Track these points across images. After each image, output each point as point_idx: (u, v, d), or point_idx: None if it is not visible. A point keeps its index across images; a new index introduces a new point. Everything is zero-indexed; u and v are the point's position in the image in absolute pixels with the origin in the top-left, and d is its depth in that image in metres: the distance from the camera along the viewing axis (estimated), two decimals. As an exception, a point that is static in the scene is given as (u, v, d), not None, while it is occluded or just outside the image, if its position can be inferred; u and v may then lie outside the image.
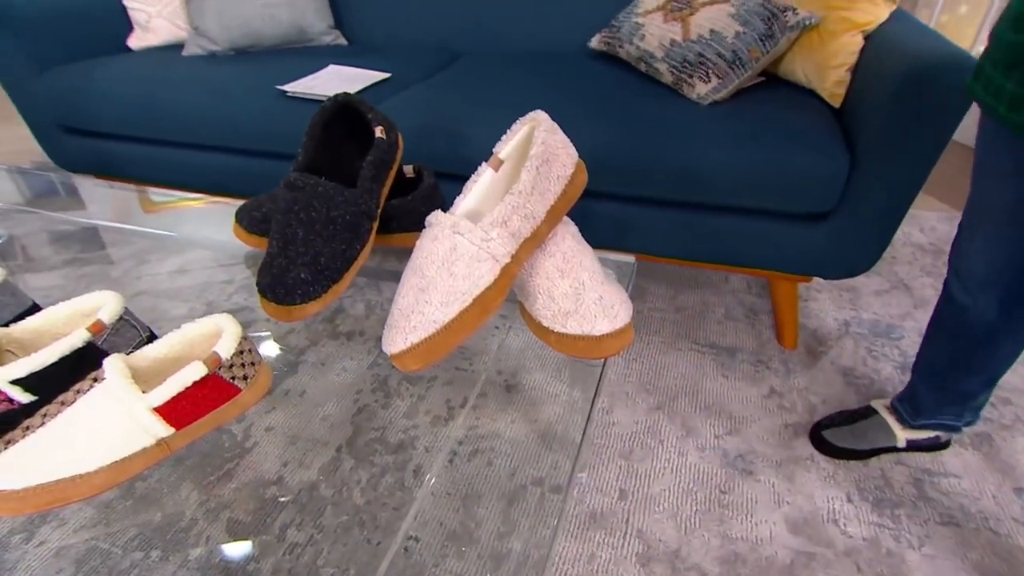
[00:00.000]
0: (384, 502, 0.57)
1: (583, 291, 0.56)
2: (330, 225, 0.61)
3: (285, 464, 0.59)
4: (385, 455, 0.61)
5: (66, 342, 0.49)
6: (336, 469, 0.58)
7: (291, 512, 0.58)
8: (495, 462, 0.67)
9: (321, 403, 0.66)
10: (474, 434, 0.69)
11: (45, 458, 0.42)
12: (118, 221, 0.92)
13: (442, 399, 0.70)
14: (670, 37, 1.12)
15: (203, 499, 0.56)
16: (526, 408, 0.74)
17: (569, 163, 0.56)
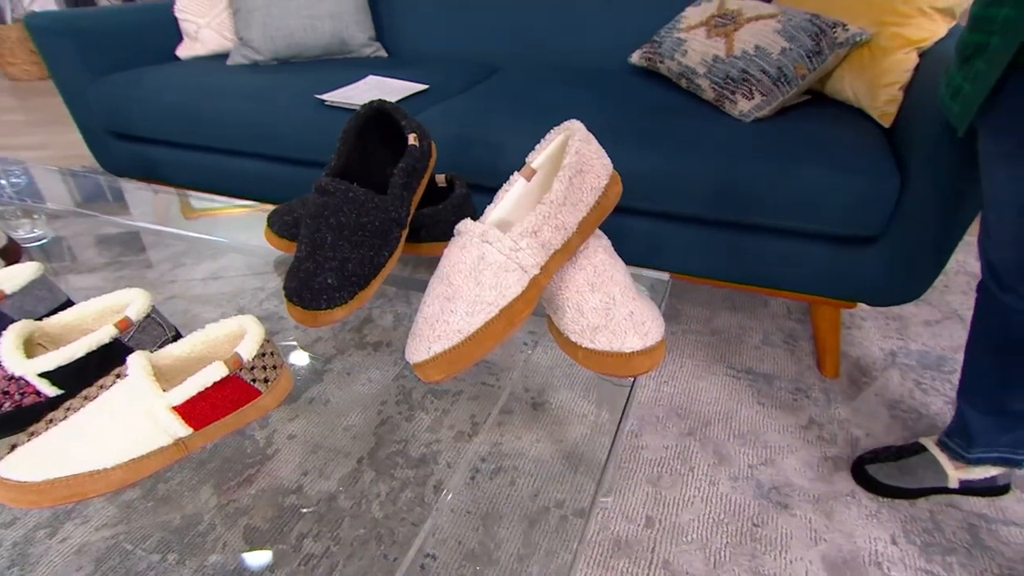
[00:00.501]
0: (403, 517, 0.56)
1: (614, 306, 0.54)
2: (359, 231, 0.61)
3: (305, 473, 0.58)
4: (406, 469, 0.60)
5: (93, 337, 0.50)
6: (356, 481, 0.58)
7: (308, 522, 0.57)
8: (518, 481, 0.65)
9: (345, 413, 0.65)
10: (498, 451, 0.67)
11: (65, 452, 0.43)
12: (159, 225, 0.94)
13: (467, 414, 0.69)
14: (713, 53, 1.11)
15: (222, 504, 0.56)
16: (552, 427, 0.72)
17: (603, 174, 0.55)
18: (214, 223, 0.94)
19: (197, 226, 0.93)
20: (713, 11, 1.16)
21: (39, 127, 2.80)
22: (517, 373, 0.71)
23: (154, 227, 0.93)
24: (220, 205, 0.97)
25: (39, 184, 1.07)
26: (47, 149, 2.48)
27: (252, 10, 1.49)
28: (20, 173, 1.08)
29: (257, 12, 1.48)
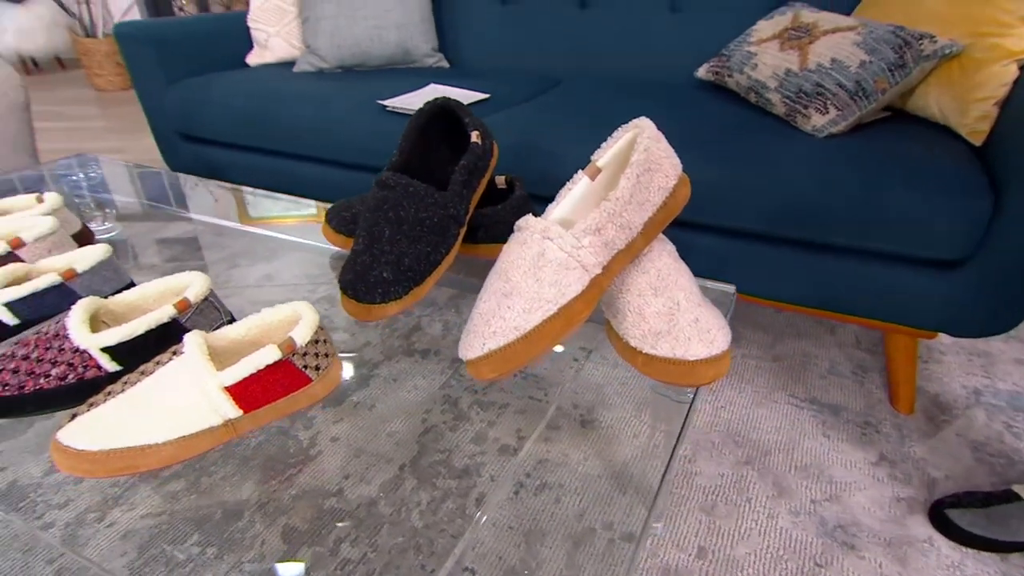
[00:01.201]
0: (443, 528, 0.55)
1: (677, 311, 0.52)
2: (417, 226, 0.61)
3: (347, 477, 0.58)
4: (448, 479, 0.59)
5: (153, 316, 0.51)
6: (397, 488, 0.57)
7: (347, 526, 0.57)
8: (563, 499, 0.63)
9: (389, 419, 0.65)
10: (543, 467, 0.66)
11: (120, 424, 0.44)
12: (220, 219, 0.97)
13: (513, 428, 0.67)
14: (785, 66, 1.08)
15: (262, 502, 0.56)
16: (601, 446, 0.70)
17: (672, 174, 0.54)
18: (270, 227, 0.97)
19: (250, 235, 0.95)
20: (787, 24, 1.13)
21: (117, 133, 2.97)
22: (566, 389, 0.69)
23: (216, 221, 0.96)
24: (277, 214, 1.00)
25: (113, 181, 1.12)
26: (123, 153, 2.63)
27: (321, 18, 1.54)
28: (96, 169, 1.14)
29: (325, 21, 1.54)
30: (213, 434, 0.46)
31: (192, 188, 1.09)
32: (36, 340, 0.50)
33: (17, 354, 0.49)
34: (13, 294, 0.57)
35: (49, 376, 0.49)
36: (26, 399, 0.49)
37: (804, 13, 1.12)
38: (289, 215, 0.98)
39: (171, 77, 1.56)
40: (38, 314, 0.58)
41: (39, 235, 0.66)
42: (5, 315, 0.57)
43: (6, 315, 0.57)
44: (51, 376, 0.49)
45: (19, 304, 0.57)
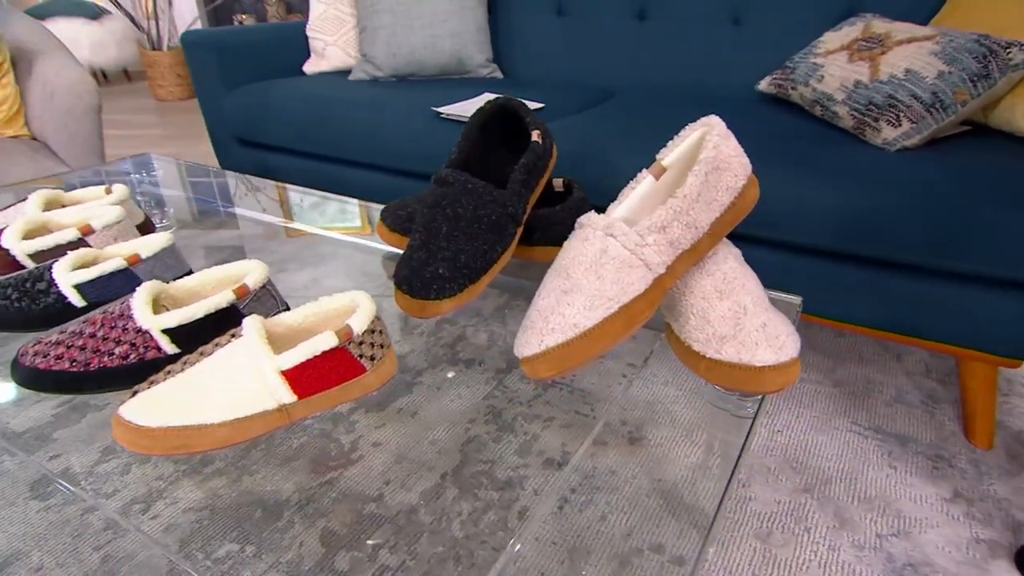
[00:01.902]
0: (484, 539, 0.54)
1: (744, 316, 0.51)
2: (475, 223, 0.61)
3: (387, 482, 0.58)
4: (491, 490, 0.58)
5: (212, 300, 0.53)
6: (438, 496, 0.57)
7: (386, 532, 0.57)
8: (609, 517, 0.62)
9: (432, 427, 0.65)
10: (589, 484, 0.65)
11: (178, 403, 0.45)
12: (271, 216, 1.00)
13: (558, 442, 0.66)
14: (855, 78, 1.05)
15: (302, 503, 0.56)
16: (650, 465, 0.68)
17: (742, 174, 0.53)
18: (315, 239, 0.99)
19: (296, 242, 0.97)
20: (857, 35, 1.11)
21: (175, 140, 3.11)
22: (615, 404, 0.68)
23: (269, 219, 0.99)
24: (322, 225, 1.00)
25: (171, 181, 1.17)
26: (180, 158, 2.75)
27: (378, 27, 1.59)
28: (156, 169, 1.19)
29: (383, 30, 1.59)
30: (267, 419, 0.47)
31: (248, 189, 1.13)
32: (102, 319, 0.52)
33: (85, 331, 0.51)
34: (82, 276, 0.59)
35: (112, 355, 0.51)
36: (90, 376, 0.51)
37: (876, 23, 1.10)
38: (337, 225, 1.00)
39: (230, 83, 1.63)
40: (104, 296, 0.60)
41: (107, 223, 0.69)
42: (74, 296, 0.59)
43: (75, 296, 0.59)
44: (114, 355, 0.51)
45: (87, 286, 0.60)
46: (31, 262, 0.67)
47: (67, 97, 1.34)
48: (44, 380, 0.51)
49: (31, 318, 0.59)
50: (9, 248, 0.66)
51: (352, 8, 1.70)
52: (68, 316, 0.60)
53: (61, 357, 0.51)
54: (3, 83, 1.41)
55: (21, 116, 1.45)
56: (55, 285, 0.59)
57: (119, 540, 0.56)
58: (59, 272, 0.59)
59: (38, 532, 0.53)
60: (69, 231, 0.67)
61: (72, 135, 1.35)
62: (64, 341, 0.51)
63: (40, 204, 0.74)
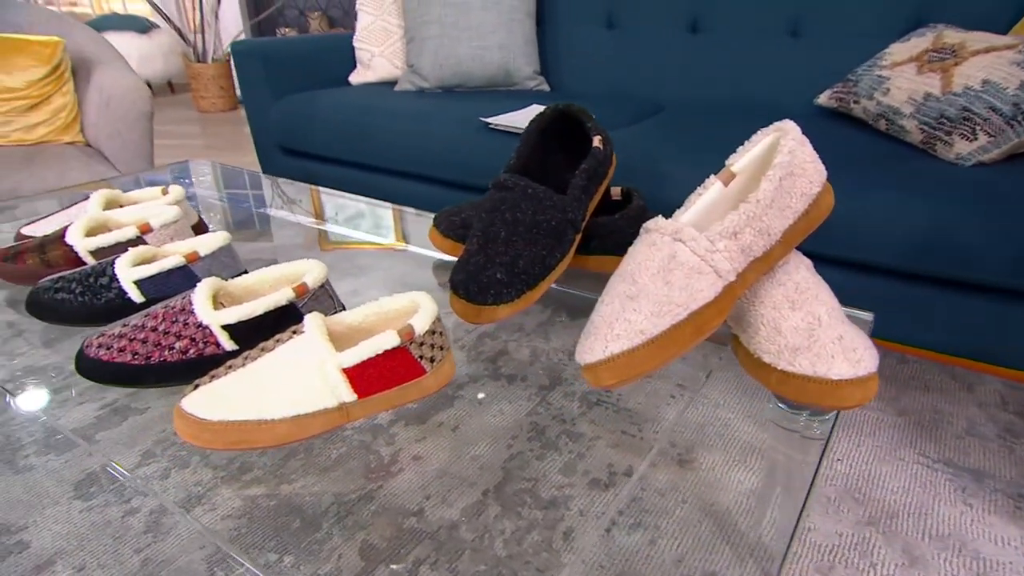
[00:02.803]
0: (528, 560, 0.54)
1: (818, 327, 0.50)
2: (534, 228, 0.61)
3: (428, 497, 0.58)
4: (534, 509, 0.58)
5: (272, 298, 0.54)
6: (480, 513, 0.57)
7: (427, 548, 0.57)
8: (659, 542, 0.60)
9: (473, 442, 0.65)
10: (637, 507, 0.64)
11: (239, 397, 0.46)
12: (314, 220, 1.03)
13: (604, 462, 0.66)
14: (924, 91, 1.04)
15: (341, 515, 0.57)
16: (701, 489, 0.67)
17: (817, 180, 0.52)
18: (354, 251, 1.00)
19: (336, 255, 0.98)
20: (927, 46, 1.09)
21: (216, 150, 3.21)
22: (663, 427, 0.67)
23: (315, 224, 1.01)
24: (356, 239, 1.02)
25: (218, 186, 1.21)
26: (221, 168, 2.83)
27: (425, 39, 1.63)
28: (207, 173, 1.23)
29: (430, 41, 1.62)
30: (327, 417, 0.47)
31: (284, 201, 1.16)
32: (163, 313, 0.54)
33: (146, 325, 0.53)
34: (142, 272, 0.61)
35: (173, 349, 0.52)
36: (150, 370, 0.53)
37: (948, 33, 1.08)
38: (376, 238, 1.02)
39: (277, 92, 1.68)
40: (162, 293, 0.62)
41: (164, 222, 0.72)
42: (134, 292, 0.61)
43: (134, 292, 0.62)
44: (174, 349, 0.52)
45: (146, 283, 0.62)
46: (92, 258, 0.70)
47: (122, 103, 1.41)
48: (106, 372, 0.53)
49: (92, 312, 0.62)
50: (73, 244, 0.69)
51: (399, 19, 1.75)
52: (128, 311, 0.62)
53: (124, 350, 0.52)
54: (63, 91, 1.48)
55: (77, 123, 1.52)
56: (116, 280, 0.61)
57: (159, 543, 0.57)
58: (121, 268, 0.62)
59: (80, 532, 0.54)
60: (129, 229, 0.70)
61: (125, 141, 1.41)
62: (127, 334, 0.53)
63: (101, 203, 0.77)
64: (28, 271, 0.69)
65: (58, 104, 1.50)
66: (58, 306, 0.62)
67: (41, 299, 0.62)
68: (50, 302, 0.62)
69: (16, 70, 1.45)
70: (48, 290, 0.62)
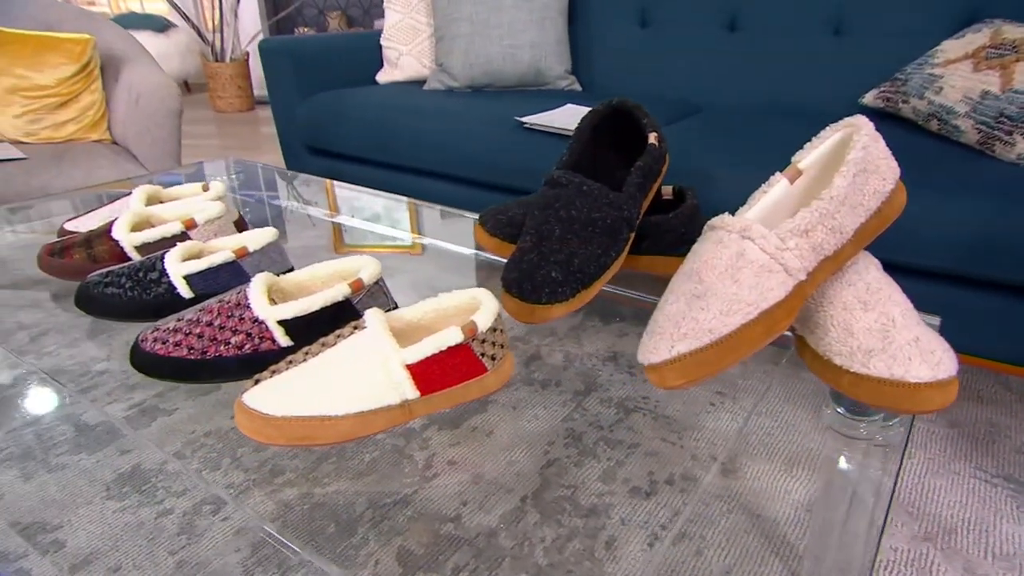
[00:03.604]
0: (570, 569, 0.54)
1: (893, 329, 0.50)
2: (589, 226, 0.62)
3: (465, 503, 0.58)
4: (574, 517, 0.58)
5: (329, 293, 0.55)
6: (519, 520, 0.57)
7: (466, 555, 0.57)
8: (705, 552, 0.60)
9: (509, 447, 0.65)
10: (681, 517, 0.64)
11: (303, 393, 0.46)
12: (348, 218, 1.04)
13: (644, 470, 0.66)
14: (982, 88, 1.03)
15: (376, 520, 0.57)
16: (746, 499, 0.66)
17: (890, 178, 0.52)
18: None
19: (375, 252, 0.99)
20: (984, 42, 1.08)
21: (233, 151, 3.26)
22: (704, 435, 0.67)
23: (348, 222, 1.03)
24: (373, 243, 1.03)
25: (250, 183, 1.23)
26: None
27: (455, 37, 1.64)
28: (241, 170, 1.25)
29: (460, 39, 1.64)
30: (389, 414, 0.48)
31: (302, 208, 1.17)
32: (219, 308, 0.55)
33: (202, 320, 0.54)
34: (191, 267, 0.63)
35: (228, 344, 0.53)
36: (205, 365, 0.54)
37: (1008, 29, 1.08)
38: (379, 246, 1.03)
39: (304, 91, 1.70)
40: (211, 289, 0.64)
41: (209, 218, 0.73)
42: (182, 287, 0.63)
43: (183, 288, 0.63)
44: (230, 344, 0.53)
45: (195, 278, 0.63)
46: (137, 253, 0.71)
47: (151, 101, 1.43)
48: (163, 366, 0.54)
49: (141, 307, 0.63)
50: (119, 239, 0.70)
51: (428, 18, 1.77)
52: (176, 306, 0.63)
53: (179, 344, 0.53)
54: (92, 88, 1.52)
55: (105, 120, 1.55)
56: (166, 275, 0.63)
57: (193, 546, 0.58)
58: (170, 263, 0.63)
59: (114, 532, 0.55)
60: (174, 224, 0.72)
61: (154, 139, 1.44)
62: (182, 328, 0.54)
63: (143, 199, 0.79)
64: (75, 266, 0.70)
65: (87, 102, 1.53)
66: (108, 300, 0.63)
67: (91, 293, 0.64)
68: (100, 296, 0.63)
69: (47, 68, 1.48)
70: (98, 284, 0.64)
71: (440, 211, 1.07)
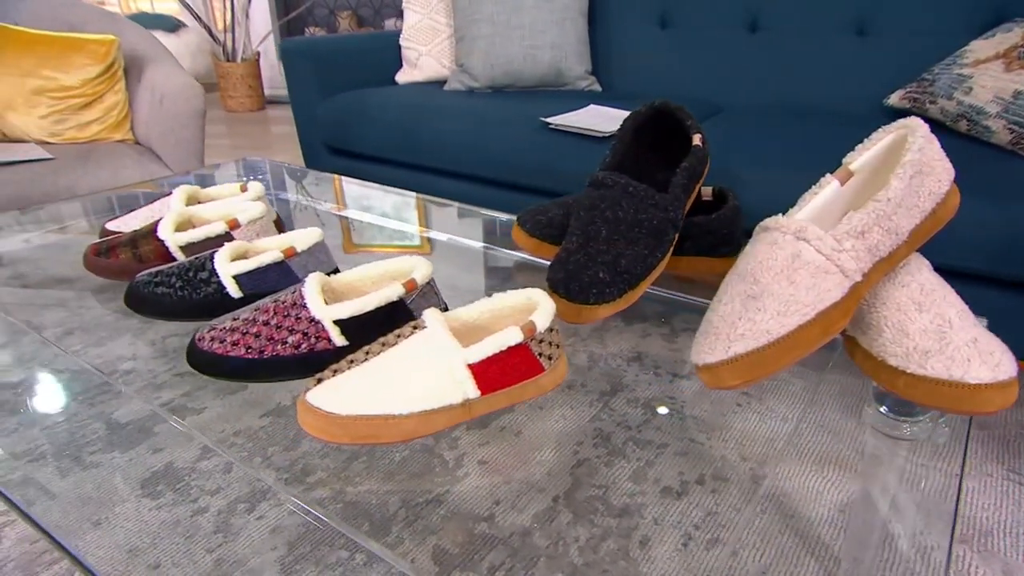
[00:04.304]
0: (606, 569, 0.54)
1: (950, 330, 0.50)
2: (635, 227, 0.62)
3: (497, 503, 0.59)
4: (607, 517, 0.58)
5: (383, 293, 0.56)
6: (552, 520, 0.57)
7: (501, 554, 0.57)
8: (741, 553, 0.61)
9: (538, 447, 0.66)
10: (713, 520, 0.64)
11: (367, 392, 0.47)
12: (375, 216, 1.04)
13: (674, 470, 0.66)
14: (1014, 88, 1.03)
15: (410, 519, 0.58)
16: (778, 500, 0.67)
17: (945, 179, 0.53)
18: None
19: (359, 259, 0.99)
20: (1016, 41, 1.08)
21: (244, 150, 3.28)
22: (731, 436, 0.67)
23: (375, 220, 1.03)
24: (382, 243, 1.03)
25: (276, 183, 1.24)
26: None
27: (476, 38, 1.65)
28: (265, 170, 1.26)
29: (481, 40, 1.64)
30: (451, 413, 0.49)
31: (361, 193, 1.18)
32: (274, 307, 0.55)
33: (258, 319, 0.55)
34: (240, 268, 0.63)
35: (286, 343, 0.54)
36: (262, 364, 0.54)
37: (1037, 31, 1.08)
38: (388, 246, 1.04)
39: (325, 91, 1.71)
40: (259, 288, 0.64)
41: (252, 218, 0.74)
42: (232, 287, 0.63)
43: (232, 287, 0.64)
44: (287, 344, 0.54)
45: (244, 277, 0.64)
46: (182, 254, 0.72)
47: (176, 102, 1.44)
48: (221, 365, 0.54)
49: (190, 306, 0.64)
50: (164, 239, 0.71)
51: (447, 18, 1.78)
52: (225, 306, 0.64)
53: (237, 344, 0.54)
54: (116, 89, 1.53)
55: (128, 121, 1.56)
56: (216, 275, 0.63)
57: (230, 544, 0.59)
58: (220, 263, 0.64)
59: (152, 530, 0.56)
60: (218, 224, 0.72)
61: (178, 139, 1.45)
62: (239, 328, 0.55)
63: (184, 199, 0.80)
64: (121, 265, 0.71)
65: (110, 102, 1.54)
66: (158, 300, 0.64)
67: (141, 293, 0.65)
68: (150, 296, 0.64)
69: (72, 68, 1.49)
70: (148, 284, 0.65)
71: (469, 211, 1.08)
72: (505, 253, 0.93)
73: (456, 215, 1.07)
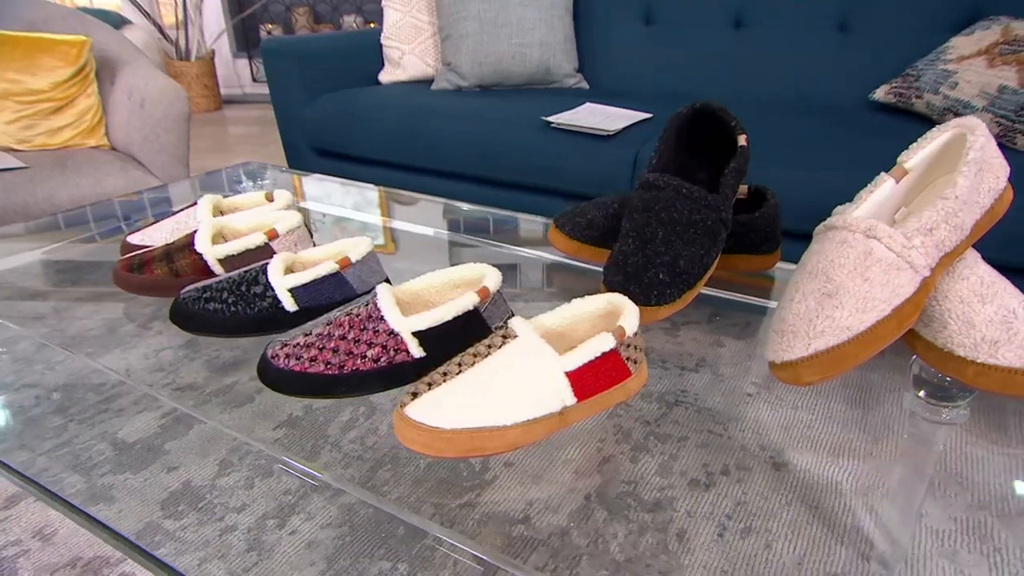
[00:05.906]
0: (648, 563, 0.55)
1: (1016, 320, 0.53)
2: (691, 228, 0.63)
3: (531, 504, 0.59)
4: (641, 512, 0.59)
5: (459, 303, 0.55)
6: (588, 518, 0.58)
7: (543, 555, 0.58)
8: (774, 545, 0.62)
9: (561, 446, 0.66)
10: (744, 510, 0.66)
11: (469, 404, 0.47)
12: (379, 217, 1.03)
13: (698, 462, 0.67)
14: (998, 83, 1.08)
15: (445, 524, 0.58)
16: (803, 491, 0.69)
17: (1002, 175, 0.55)
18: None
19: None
20: (996, 38, 1.14)
21: (204, 152, 3.18)
22: (748, 427, 0.69)
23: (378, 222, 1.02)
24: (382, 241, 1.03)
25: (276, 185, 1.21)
26: (220, 171, 2.80)
27: (463, 36, 1.64)
28: (266, 175, 1.23)
29: (468, 39, 1.63)
30: (549, 421, 0.49)
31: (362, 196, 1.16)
32: (349, 321, 0.54)
33: (334, 334, 0.54)
34: (296, 280, 0.62)
35: (365, 357, 0.53)
36: (342, 379, 0.53)
37: (1016, 25, 1.13)
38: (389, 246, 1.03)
39: (309, 92, 1.67)
40: (314, 302, 0.63)
41: (289, 228, 0.72)
42: (287, 301, 0.62)
43: (288, 301, 0.62)
44: (367, 357, 0.53)
45: (300, 291, 0.62)
46: (220, 267, 0.70)
47: (158, 106, 1.39)
48: (299, 383, 0.53)
49: (243, 322, 0.62)
50: (202, 252, 0.69)
51: (430, 16, 1.76)
52: (279, 321, 0.62)
53: (315, 359, 0.53)
54: (88, 92, 1.46)
55: (102, 126, 1.50)
56: (271, 289, 0.62)
57: (265, 562, 0.58)
58: (274, 276, 0.62)
59: (181, 551, 0.54)
60: (256, 236, 0.70)
61: (162, 145, 1.40)
62: (314, 344, 0.54)
63: (211, 210, 0.77)
64: (157, 281, 0.69)
65: (83, 106, 1.48)
66: (209, 316, 0.62)
67: (189, 309, 0.62)
68: (200, 312, 0.62)
69: (41, 71, 1.42)
70: (196, 300, 0.62)
71: (496, 215, 1.07)
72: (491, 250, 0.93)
73: (483, 218, 1.06)
